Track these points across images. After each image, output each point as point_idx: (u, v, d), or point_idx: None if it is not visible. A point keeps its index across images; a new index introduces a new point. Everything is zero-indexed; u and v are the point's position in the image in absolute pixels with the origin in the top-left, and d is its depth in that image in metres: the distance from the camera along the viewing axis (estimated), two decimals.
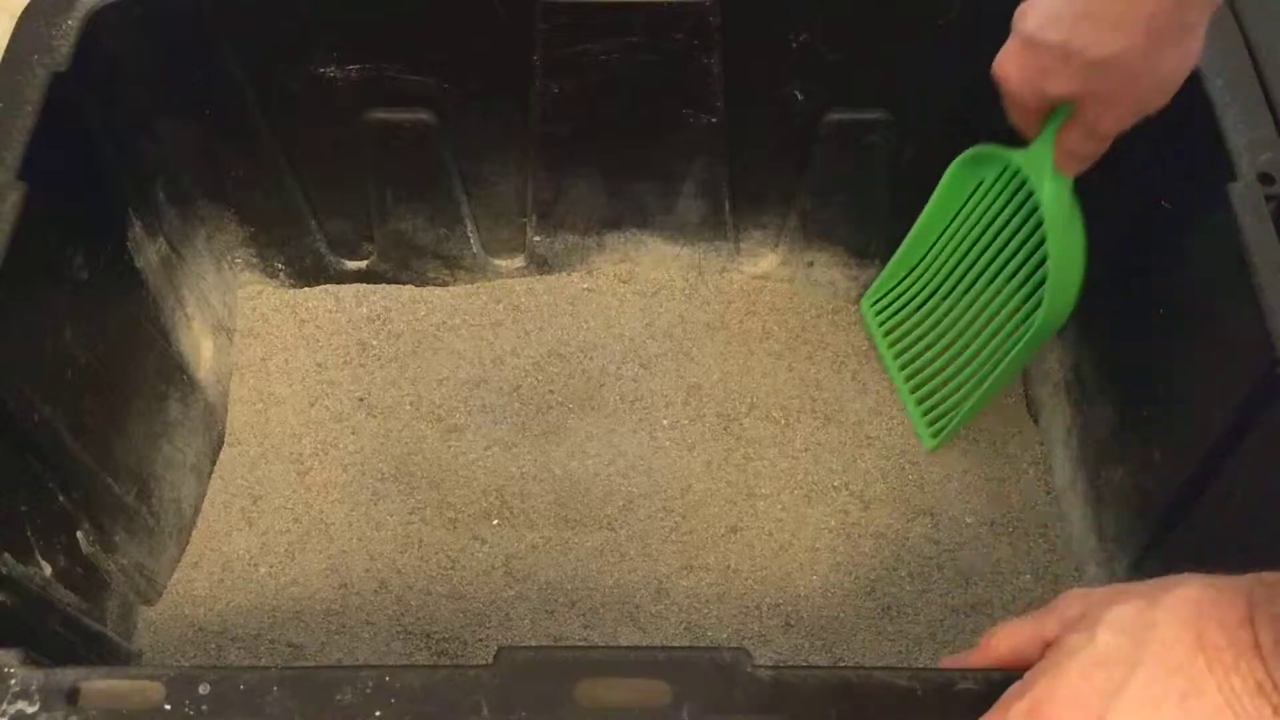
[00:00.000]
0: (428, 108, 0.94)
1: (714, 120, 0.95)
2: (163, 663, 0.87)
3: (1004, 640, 0.55)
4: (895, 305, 1.01)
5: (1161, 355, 0.83)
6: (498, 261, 1.07)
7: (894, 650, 0.88)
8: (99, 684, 0.54)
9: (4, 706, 0.54)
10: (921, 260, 0.99)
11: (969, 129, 0.91)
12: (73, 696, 0.54)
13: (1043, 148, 0.80)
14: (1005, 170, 0.88)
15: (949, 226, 0.96)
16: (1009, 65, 0.73)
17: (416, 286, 1.07)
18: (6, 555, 0.73)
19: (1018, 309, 0.91)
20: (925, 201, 0.95)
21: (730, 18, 0.87)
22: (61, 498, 0.80)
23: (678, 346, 1.03)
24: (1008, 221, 0.89)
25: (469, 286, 1.07)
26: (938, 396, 0.97)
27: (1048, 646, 0.52)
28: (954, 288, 0.96)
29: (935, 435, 0.97)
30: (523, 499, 0.95)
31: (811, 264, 1.05)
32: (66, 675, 0.55)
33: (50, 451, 0.79)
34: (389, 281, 1.07)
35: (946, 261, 0.96)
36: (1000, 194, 0.90)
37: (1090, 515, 0.90)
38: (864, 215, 1.02)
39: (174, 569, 0.92)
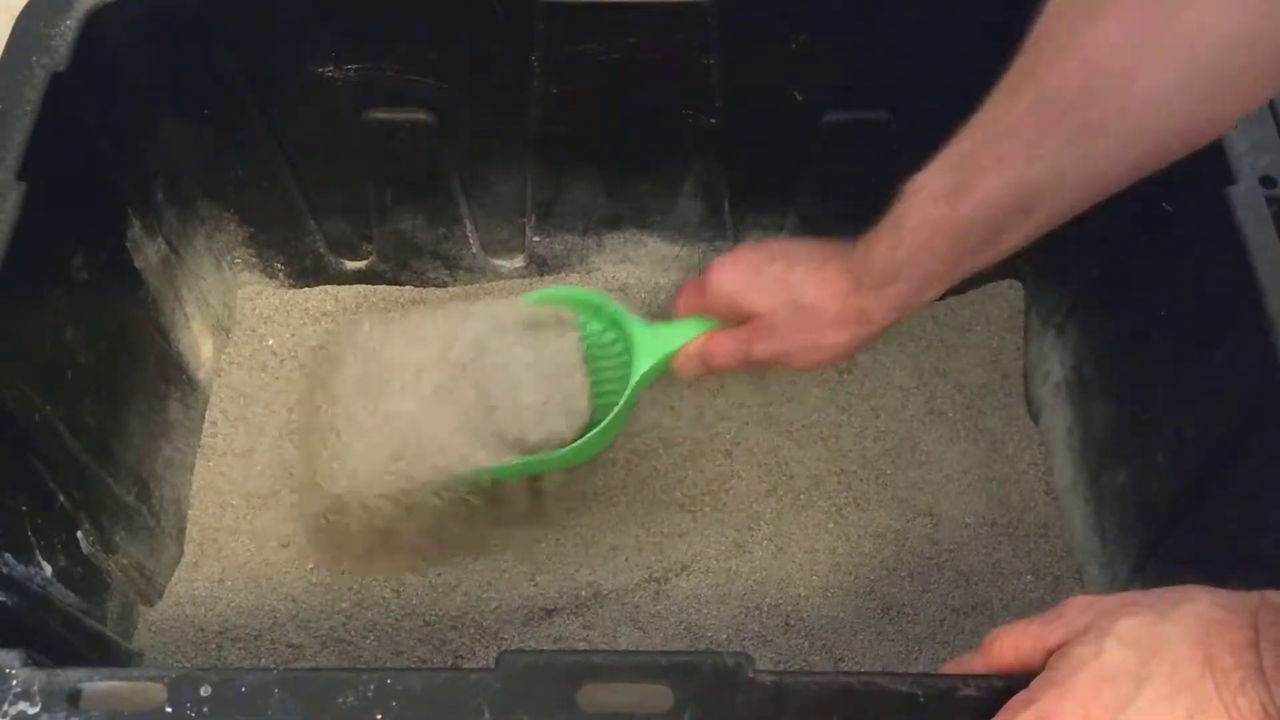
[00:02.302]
0: (427, 108, 0.94)
1: (713, 120, 0.95)
2: (163, 663, 0.86)
3: (1007, 645, 0.54)
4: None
5: (1163, 357, 0.83)
6: (497, 261, 1.07)
7: (894, 651, 0.88)
8: (100, 685, 0.54)
9: (5, 708, 0.54)
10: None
11: None
12: (74, 698, 0.54)
13: (667, 335, 0.82)
14: (613, 325, 0.87)
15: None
16: (729, 274, 0.77)
17: (416, 287, 1.07)
18: (7, 555, 0.73)
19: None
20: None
21: (729, 18, 0.87)
22: (61, 498, 0.80)
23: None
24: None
25: (469, 286, 1.07)
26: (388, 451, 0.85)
27: (1051, 653, 0.52)
28: None
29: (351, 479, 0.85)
30: (521, 498, 0.95)
31: None
32: (68, 676, 0.55)
33: (50, 451, 0.79)
34: (389, 282, 1.07)
35: None
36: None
37: (1091, 516, 0.90)
38: (864, 215, 1.01)
39: (174, 569, 0.92)
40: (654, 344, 0.83)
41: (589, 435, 0.83)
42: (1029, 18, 0.65)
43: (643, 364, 0.82)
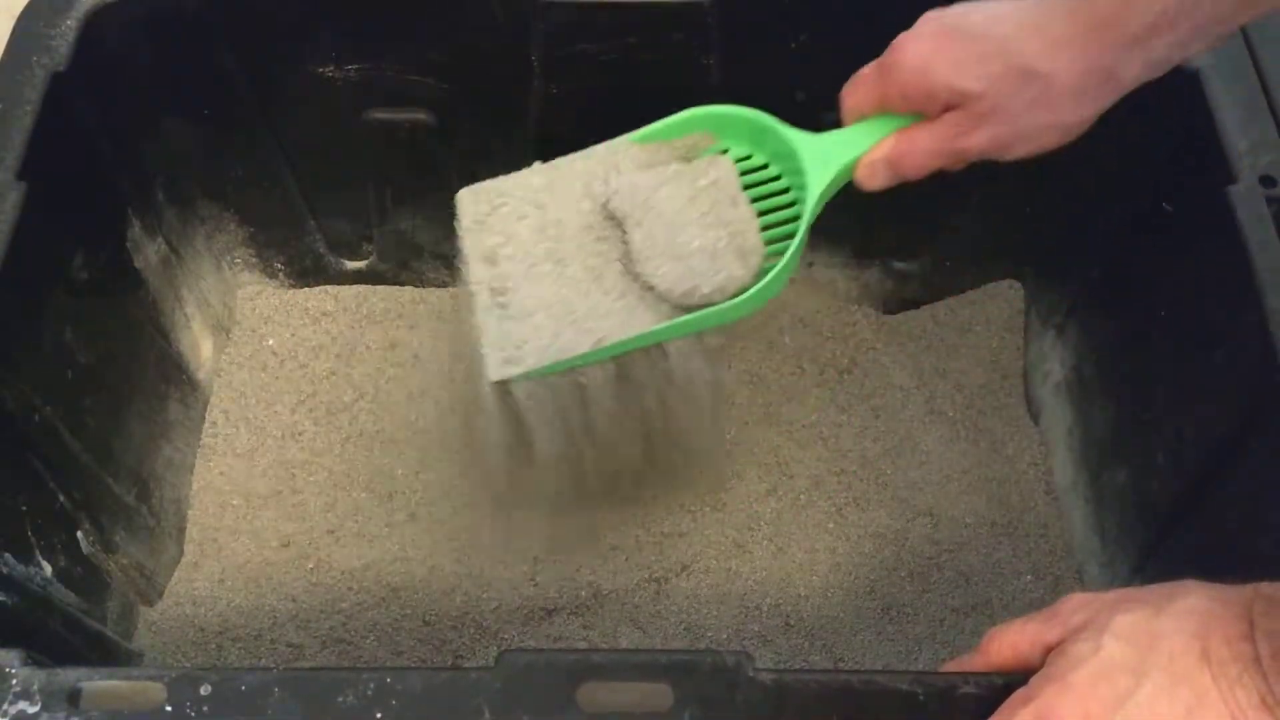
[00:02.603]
0: (427, 108, 0.94)
1: None
2: (163, 663, 0.87)
3: (1005, 643, 0.54)
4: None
5: (1163, 357, 0.83)
6: None
7: (894, 650, 0.88)
8: (100, 684, 0.54)
9: (5, 707, 0.54)
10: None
11: None
12: (74, 697, 0.54)
13: (842, 141, 0.70)
14: (764, 146, 0.75)
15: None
16: (915, 44, 0.64)
17: (416, 287, 1.07)
18: (7, 555, 0.73)
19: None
20: (925, 200, 0.92)
21: (729, 18, 0.87)
22: (61, 498, 0.80)
23: (676, 347, 1.03)
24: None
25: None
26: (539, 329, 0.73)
27: (1049, 651, 0.52)
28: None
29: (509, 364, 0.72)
30: (524, 497, 0.95)
31: (811, 264, 1.05)
32: (68, 676, 0.55)
33: (50, 451, 0.79)
34: (389, 282, 1.07)
35: None
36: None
37: (1091, 516, 0.90)
38: (864, 215, 1.02)
39: (174, 569, 0.92)
40: (828, 154, 0.70)
41: (764, 281, 0.69)
42: None
43: (819, 179, 0.69)
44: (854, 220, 1.02)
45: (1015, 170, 0.69)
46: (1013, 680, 0.52)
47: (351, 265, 1.07)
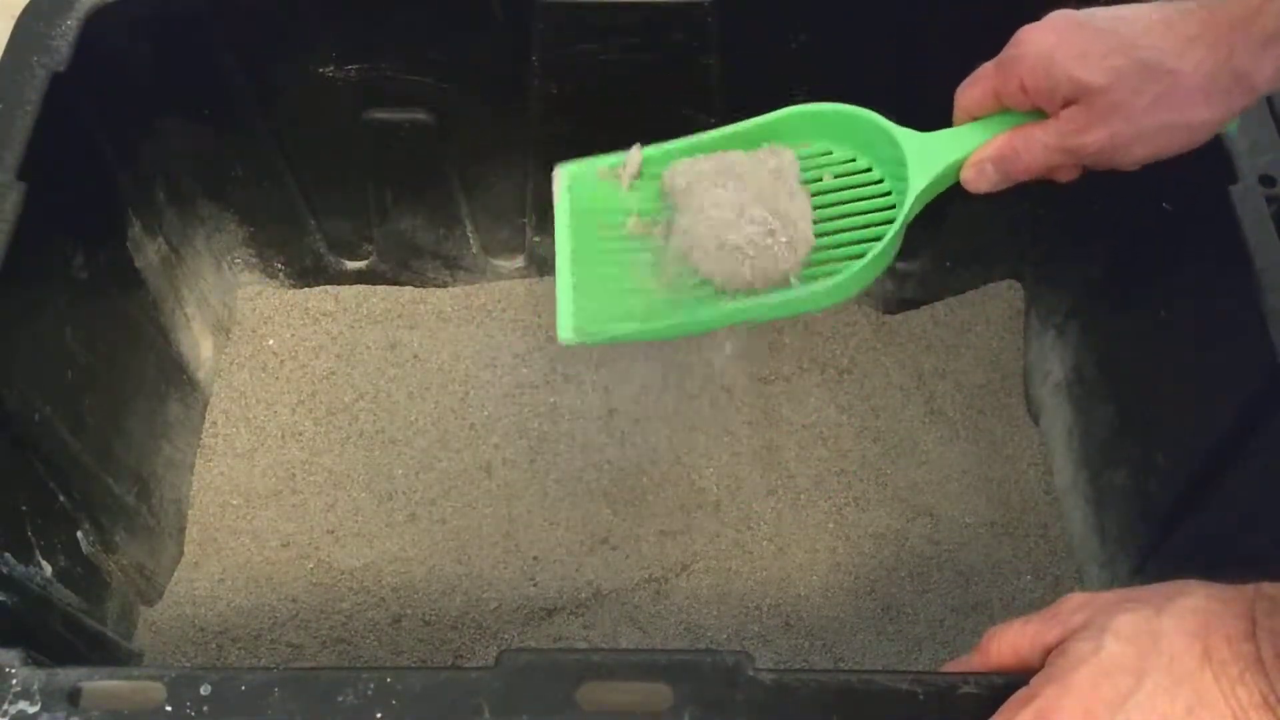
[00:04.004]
0: (427, 108, 0.94)
1: (713, 120, 0.94)
2: (163, 663, 0.87)
3: (1005, 643, 0.54)
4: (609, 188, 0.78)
5: (1163, 357, 0.83)
6: (497, 262, 1.07)
7: (894, 650, 0.88)
8: (100, 684, 0.54)
9: (5, 707, 0.54)
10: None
11: None
12: (74, 697, 0.54)
13: (950, 140, 0.68)
14: (867, 145, 0.73)
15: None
16: (1039, 35, 0.62)
17: (416, 287, 1.07)
18: (7, 555, 0.73)
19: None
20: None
21: (729, 18, 0.87)
22: (61, 498, 0.80)
23: (677, 347, 1.03)
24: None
25: (469, 287, 1.07)
26: (602, 301, 0.73)
27: (1050, 651, 0.52)
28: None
29: (576, 331, 0.72)
30: (521, 499, 0.95)
31: None
32: (68, 675, 0.55)
33: (50, 451, 0.79)
34: (389, 282, 1.07)
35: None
36: (821, 165, 0.74)
37: (1092, 516, 0.90)
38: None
39: (174, 569, 0.92)
40: (933, 152, 0.68)
41: (853, 269, 0.67)
42: (1026, 19, 0.65)
43: (919, 178, 0.68)
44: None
45: None
46: (1013, 680, 0.52)
47: (351, 265, 1.07)
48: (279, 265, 1.06)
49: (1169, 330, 0.82)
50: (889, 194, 0.71)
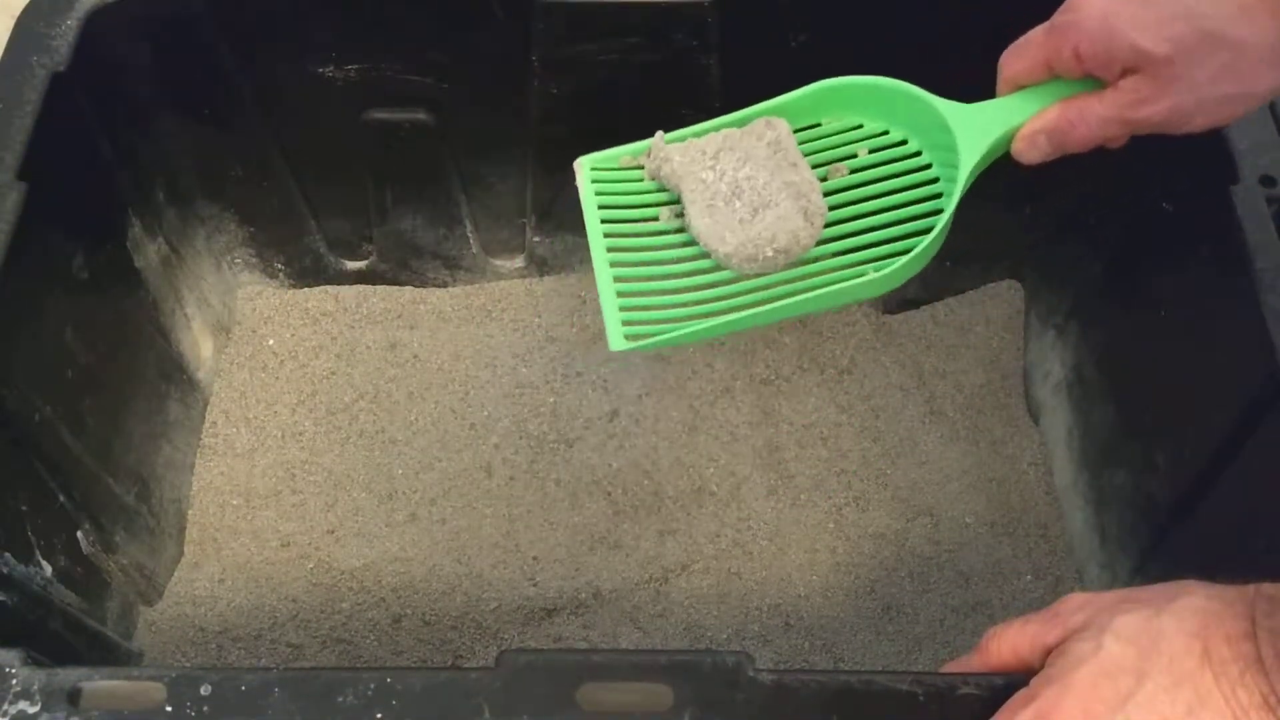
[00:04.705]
0: (427, 108, 0.94)
1: None
2: (163, 663, 0.86)
3: (1005, 644, 0.54)
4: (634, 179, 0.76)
5: (1163, 357, 0.83)
6: (497, 261, 1.07)
7: (894, 650, 0.88)
8: (100, 684, 0.54)
9: (5, 707, 0.54)
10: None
11: None
12: (74, 697, 0.54)
13: (1000, 110, 0.65)
14: (904, 119, 0.70)
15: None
16: (1094, 0, 0.59)
17: (416, 287, 1.07)
18: (7, 555, 0.73)
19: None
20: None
21: (729, 18, 0.87)
22: (61, 498, 0.80)
23: (677, 347, 1.03)
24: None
25: (469, 287, 1.07)
26: (647, 303, 0.70)
27: (1050, 652, 0.52)
28: None
29: (628, 339, 0.68)
30: (521, 499, 0.95)
31: None
32: (68, 676, 0.55)
33: (50, 451, 0.79)
34: (389, 282, 1.07)
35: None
36: (852, 141, 0.72)
37: (1092, 517, 0.90)
38: None
39: (174, 569, 0.92)
40: (984, 124, 0.64)
41: (904, 260, 0.65)
42: (1029, 20, 0.65)
43: (972, 151, 0.64)
44: None
45: (1016, 170, 0.69)
46: (1013, 680, 0.52)
47: (351, 265, 1.07)
48: (279, 265, 1.06)
49: (1169, 330, 0.82)
50: (928, 167, 0.69)
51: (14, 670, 0.55)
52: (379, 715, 0.54)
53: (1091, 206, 0.92)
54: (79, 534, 0.82)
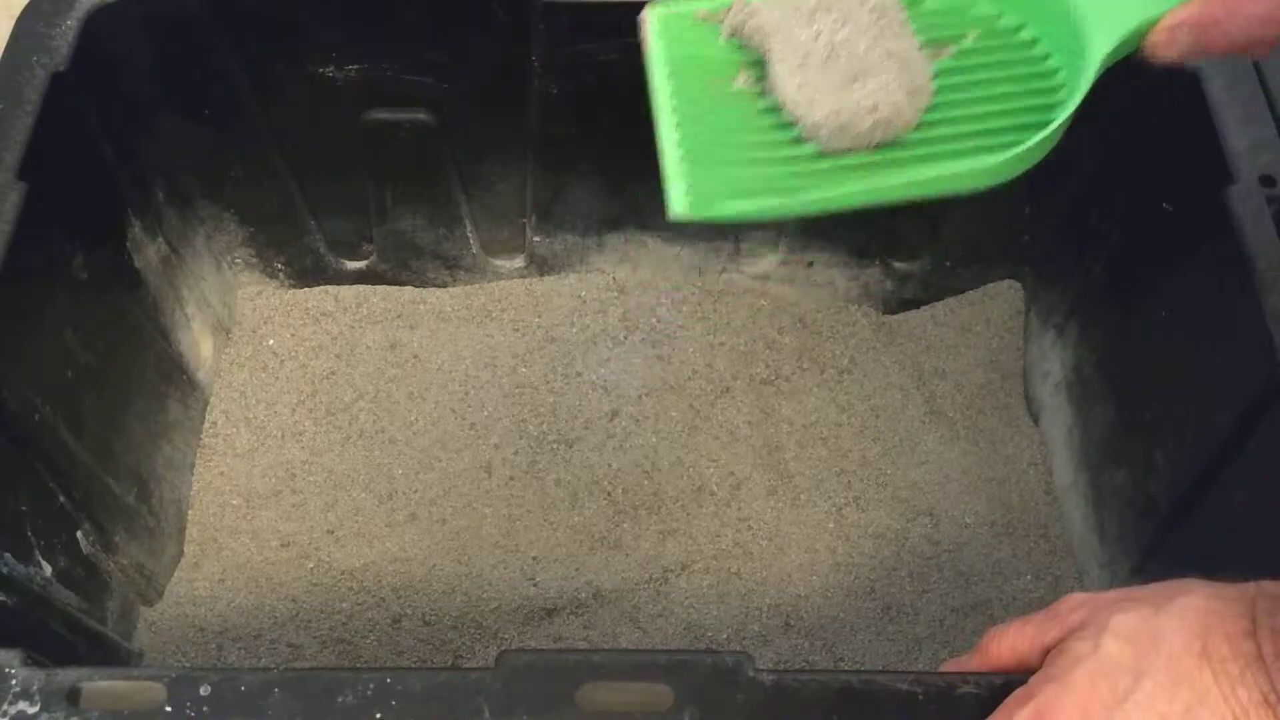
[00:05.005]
0: (427, 108, 0.94)
1: None
2: (163, 663, 0.87)
3: (1004, 644, 0.54)
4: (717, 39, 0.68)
5: (1163, 357, 0.83)
6: (497, 262, 1.07)
7: (894, 650, 0.88)
8: (100, 685, 0.54)
9: (5, 707, 0.54)
10: None
11: None
12: (74, 697, 0.54)
13: (1132, 4, 0.58)
14: (1022, 3, 0.64)
15: None
16: None
17: (416, 287, 1.07)
18: (7, 555, 0.73)
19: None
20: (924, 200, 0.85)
21: None
22: (61, 498, 0.80)
23: (678, 347, 1.03)
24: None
25: (469, 287, 1.07)
26: (715, 172, 0.63)
27: (1049, 651, 0.52)
28: None
29: (691, 207, 0.62)
30: (521, 499, 0.95)
31: (811, 264, 1.05)
32: (67, 676, 0.55)
33: (50, 451, 0.79)
34: (389, 282, 1.07)
35: None
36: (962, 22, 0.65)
37: (1092, 517, 0.90)
38: (864, 215, 1.01)
39: (174, 569, 0.92)
40: (1120, 11, 0.58)
41: (1038, 137, 0.58)
42: None
43: (1104, 38, 0.58)
44: (854, 219, 1.02)
45: None
46: (1013, 680, 0.52)
47: (351, 265, 1.07)
48: (279, 265, 1.06)
49: (1169, 330, 0.82)
50: (1047, 58, 0.63)
51: (14, 670, 0.55)
52: (379, 715, 0.54)
53: (1091, 206, 0.92)
54: (79, 534, 0.82)
